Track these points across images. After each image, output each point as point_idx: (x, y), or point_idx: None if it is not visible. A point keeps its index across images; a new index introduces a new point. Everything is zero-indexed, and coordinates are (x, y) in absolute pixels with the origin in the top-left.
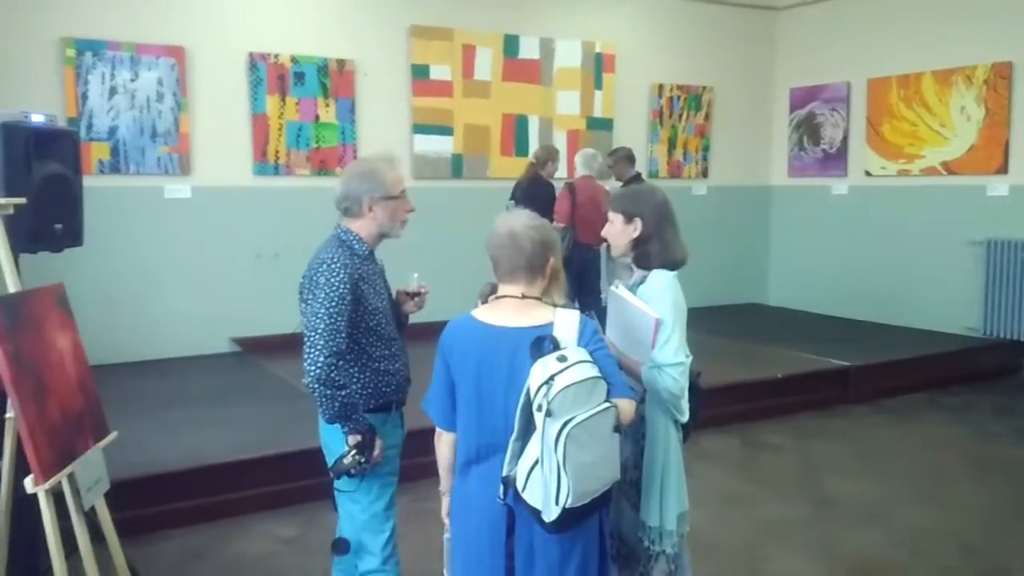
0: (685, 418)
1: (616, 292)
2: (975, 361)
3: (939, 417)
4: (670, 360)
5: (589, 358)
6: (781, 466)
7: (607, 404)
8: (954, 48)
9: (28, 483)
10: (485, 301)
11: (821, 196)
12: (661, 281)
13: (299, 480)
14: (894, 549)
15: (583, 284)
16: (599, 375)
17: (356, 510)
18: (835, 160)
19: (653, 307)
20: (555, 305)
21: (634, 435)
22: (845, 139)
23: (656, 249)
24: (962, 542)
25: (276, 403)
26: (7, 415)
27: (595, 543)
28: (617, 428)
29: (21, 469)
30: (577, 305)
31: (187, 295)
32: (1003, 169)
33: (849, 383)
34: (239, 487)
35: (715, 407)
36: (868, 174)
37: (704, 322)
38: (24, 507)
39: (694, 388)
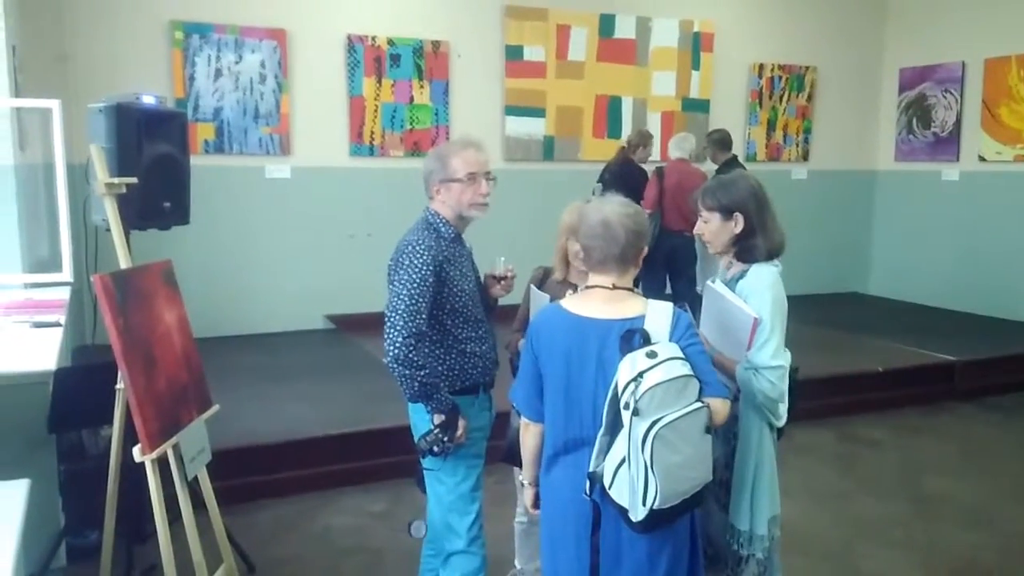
0: (782, 422)
1: (713, 287)
2: None
3: None
4: (767, 363)
5: (680, 354)
6: (879, 462)
7: (698, 404)
8: None
9: (136, 452)
10: (539, 286)
11: (930, 182)
12: (764, 278)
13: (389, 456)
14: (997, 553)
15: (674, 272)
16: (690, 373)
17: (442, 491)
18: (946, 144)
19: (752, 304)
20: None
21: (725, 434)
22: (958, 122)
23: (760, 242)
24: None
25: (368, 380)
26: (118, 386)
27: (686, 543)
28: (709, 429)
29: (129, 438)
30: (669, 293)
31: (285, 272)
32: None
33: (955, 378)
34: (331, 461)
35: (811, 400)
36: (982, 159)
37: (801, 311)
38: (131, 474)
39: (791, 385)
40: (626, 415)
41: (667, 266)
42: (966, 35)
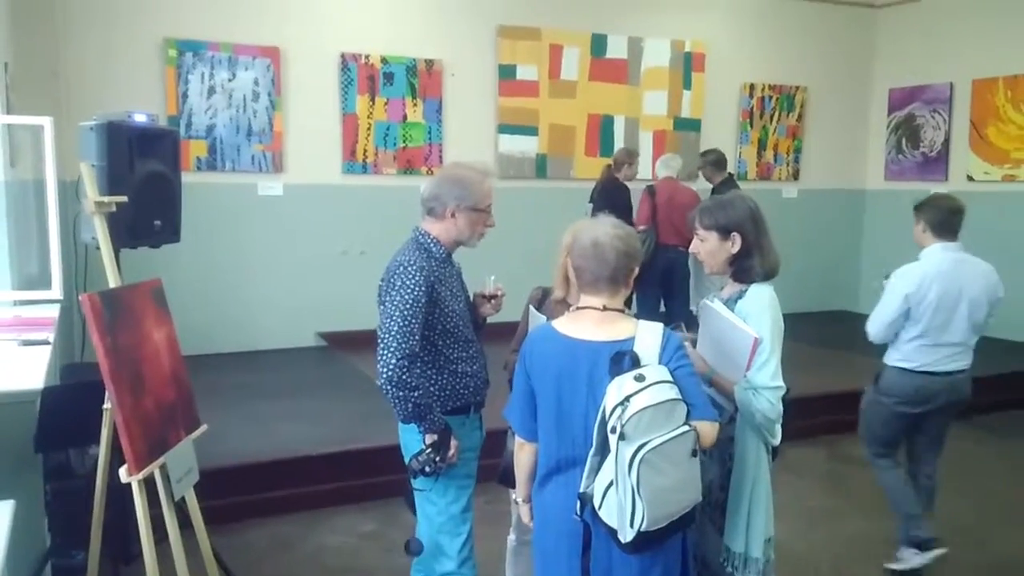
0: (777, 441)
1: (711, 306)
2: None
3: None
4: (767, 383)
5: (669, 378)
6: (870, 481)
7: (685, 428)
8: None
9: (123, 473)
10: (538, 307)
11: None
12: (763, 298)
13: (381, 476)
14: (987, 573)
15: (669, 289)
16: (677, 397)
17: (433, 512)
18: (935, 164)
19: (752, 325)
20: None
21: (721, 456)
22: (946, 142)
23: (757, 262)
24: None
25: (360, 398)
26: (105, 406)
27: (677, 563)
28: (696, 452)
29: (116, 458)
30: (664, 310)
31: (276, 290)
32: None
33: None
34: (323, 480)
35: (802, 418)
36: (970, 179)
37: (791, 329)
38: (118, 494)
39: (784, 405)
40: (612, 439)
41: (663, 283)
42: (954, 56)
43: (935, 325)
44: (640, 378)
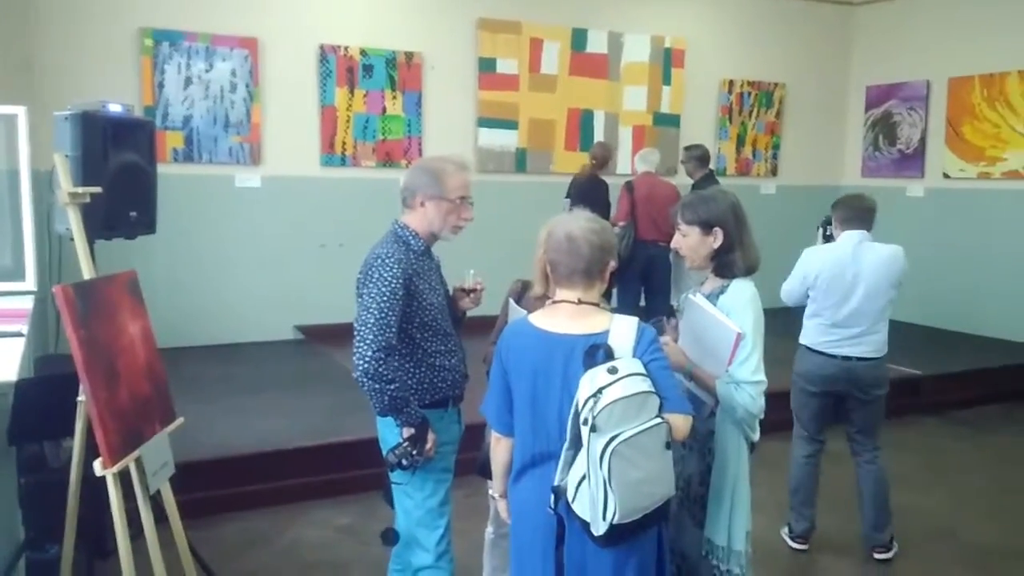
0: (757, 437)
1: (694, 301)
2: None
3: (1015, 431)
4: (749, 378)
5: (642, 370)
6: (845, 476)
7: (657, 420)
8: None
9: (97, 466)
10: (517, 300)
11: (895, 198)
12: (745, 293)
13: (358, 469)
14: (960, 565)
15: (650, 284)
16: (650, 389)
17: (410, 505)
18: (911, 161)
19: (734, 320)
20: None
21: (701, 450)
22: (923, 140)
23: (739, 257)
24: None
25: (337, 391)
26: (79, 398)
27: (652, 557)
28: (669, 445)
29: (91, 451)
30: (644, 305)
31: (254, 282)
32: None
33: (921, 392)
34: (299, 474)
35: (776, 412)
36: (946, 176)
37: (768, 325)
38: (93, 488)
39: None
40: (584, 431)
41: (643, 278)
42: (931, 54)
43: (828, 305)
44: (613, 370)
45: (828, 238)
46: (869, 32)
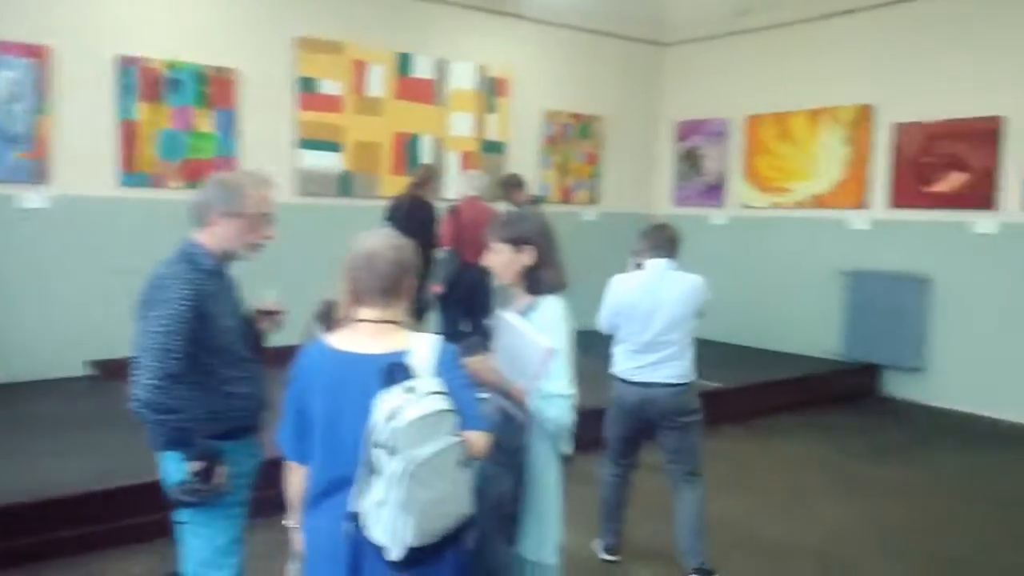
0: (570, 450)
1: (506, 317)
2: (838, 383)
3: (805, 436)
4: (560, 391)
5: (441, 389)
6: (657, 486)
7: (453, 438)
8: (823, 89)
9: None
10: (323, 322)
11: (702, 225)
12: (555, 310)
13: (153, 514)
14: (756, 556)
15: (473, 307)
16: (448, 408)
17: (198, 544)
18: (715, 192)
19: (547, 336)
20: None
21: (514, 465)
22: (723, 172)
23: (548, 274)
24: (821, 553)
25: (131, 431)
26: None
27: None
28: (466, 463)
29: None
30: (469, 328)
31: (40, 314)
32: (864, 204)
33: (722, 404)
34: (87, 522)
35: (594, 430)
36: (745, 206)
37: (584, 345)
38: None
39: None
40: (380, 453)
41: (468, 301)
42: (731, 94)
43: (632, 331)
44: (410, 390)
45: (639, 266)
46: (678, 71)
